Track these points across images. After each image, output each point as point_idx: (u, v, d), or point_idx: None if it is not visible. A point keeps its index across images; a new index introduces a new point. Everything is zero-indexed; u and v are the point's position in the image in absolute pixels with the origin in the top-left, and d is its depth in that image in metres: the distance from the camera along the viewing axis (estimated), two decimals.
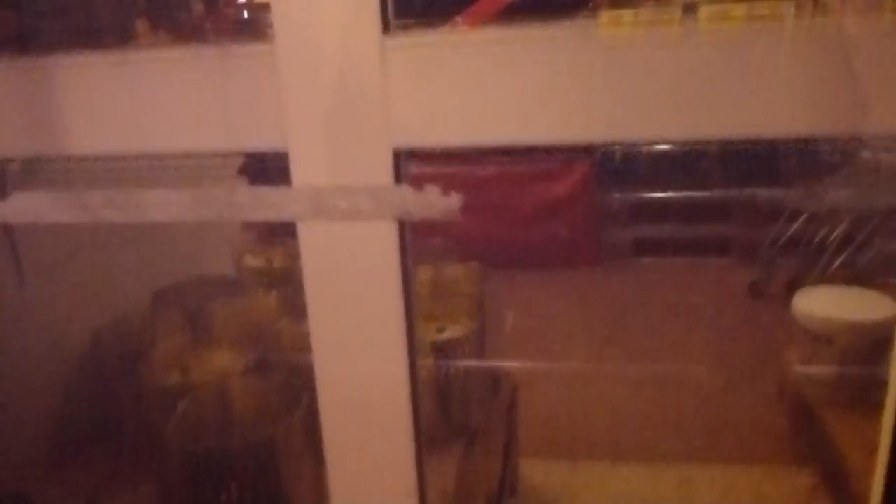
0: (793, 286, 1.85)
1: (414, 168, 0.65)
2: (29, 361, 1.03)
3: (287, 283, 1.26)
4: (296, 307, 1.18)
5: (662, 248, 2.30)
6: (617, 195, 2.42)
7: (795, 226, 2.09)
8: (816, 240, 2.00)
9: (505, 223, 2.39)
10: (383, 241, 0.61)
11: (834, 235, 1.99)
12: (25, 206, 0.66)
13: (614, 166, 2.43)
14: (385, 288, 0.62)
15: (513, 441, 1.37)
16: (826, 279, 1.92)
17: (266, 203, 0.61)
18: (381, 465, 0.65)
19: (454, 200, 0.58)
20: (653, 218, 2.36)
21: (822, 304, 1.55)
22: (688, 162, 2.32)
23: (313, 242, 0.63)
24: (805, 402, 1.54)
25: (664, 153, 2.39)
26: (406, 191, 0.59)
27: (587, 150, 2.45)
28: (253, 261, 1.34)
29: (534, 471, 1.51)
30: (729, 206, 2.28)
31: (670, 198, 2.35)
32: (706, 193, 2.29)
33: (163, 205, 0.63)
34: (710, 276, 2.17)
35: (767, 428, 1.57)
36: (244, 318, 1.17)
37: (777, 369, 1.65)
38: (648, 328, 1.90)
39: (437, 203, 0.58)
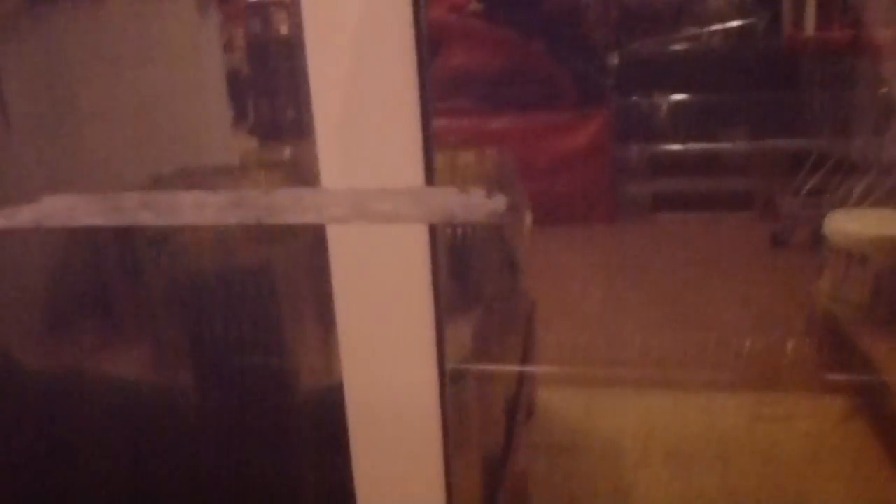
0: (817, 235, 1.83)
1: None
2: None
3: (289, 178, 1.24)
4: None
5: (682, 203, 2.27)
6: (634, 148, 2.38)
7: (820, 174, 2.06)
8: (842, 188, 1.97)
9: (518, 178, 2.36)
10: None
11: (861, 182, 1.95)
12: (57, 209, 0.65)
13: (632, 118, 2.38)
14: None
15: (531, 356, 1.37)
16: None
17: (306, 206, 0.59)
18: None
19: (499, 202, 0.56)
20: (672, 171, 2.33)
21: (854, 222, 1.52)
22: (707, 112, 2.27)
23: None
24: (838, 326, 1.52)
25: (683, 103, 2.34)
26: (450, 193, 0.57)
27: (603, 100, 2.40)
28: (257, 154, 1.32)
29: (552, 397, 1.50)
30: (750, 158, 2.25)
31: (690, 150, 2.31)
32: (727, 145, 2.25)
33: (199, 207, 0.62)
34: (732, 230, 2.15)
35: (798, 355, 1.55)
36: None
37: (807, 300, 1.63)
38: (671, 277, 1.89)
39: (482, 205, 0.56)
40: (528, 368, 1.33)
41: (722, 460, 1.28)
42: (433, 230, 0.60)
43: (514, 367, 1.25)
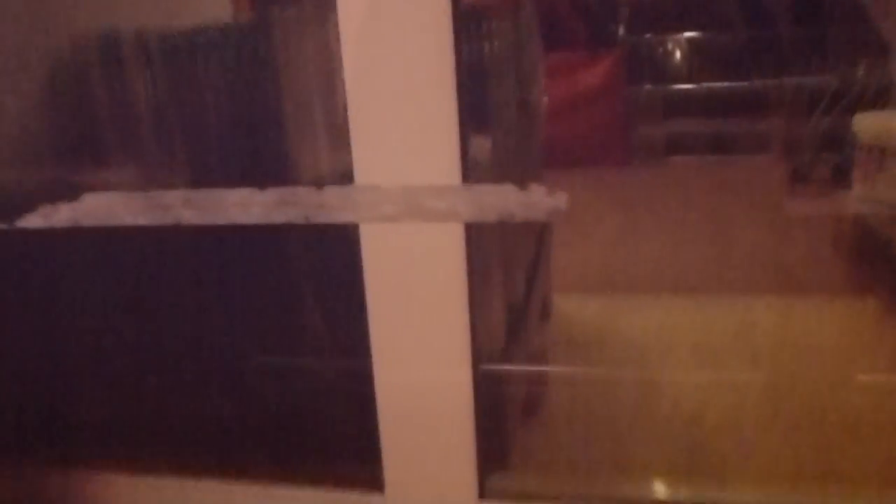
0: (839, 171, 1.80)
1: None
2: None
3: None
4: None
5: (697, 146, 2.24)
6: (648, 87, 2.32)
7: (842, 104, 2.01)
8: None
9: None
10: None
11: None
12: (97, 207, 0.63)
13: (645, 56, 2.32)
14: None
15: (546, 251, 1.34)
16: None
17: (357, 204, 0.58)
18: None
19: (560, 200, 0.55)
20: (687, 112, 2.28)
21: (886, 117, 1.49)
22: (724, 50, 2.21)
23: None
24: (870, 227, 1.51)
25: (698, 40, 2.27)
26: (509, 190, 0.55)
27: (615, 39, 2.34)
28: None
29: (568, 302, 1.48)
30: (769, 98, 2.20)
31: (705, 89, 2.26)
32: (744, 84, 2.19)
33: (245, 205, 0.60)
34: (752, 168, 2.12)
35: (827, 259, 1.52)
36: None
37: (835, 213, 1.60)
38: (692, 209, 1.86)
39: (541, 203, 0.55)
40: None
41: (752, 353, 1.26)
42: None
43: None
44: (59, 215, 0.63)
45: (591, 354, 1.31)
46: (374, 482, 0.67)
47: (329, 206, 0.58)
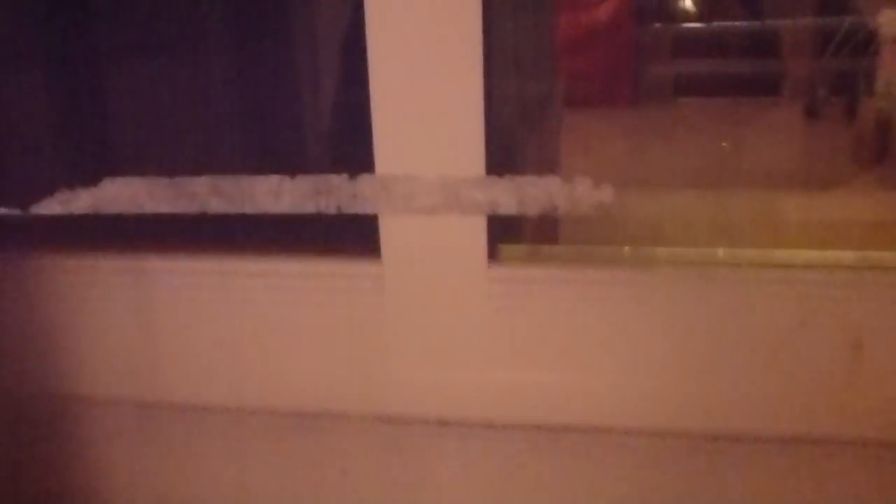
0: (853, 107, 1.76)
1: None
2: None
3: None
4: None
5: (706, 87, 2.18)
6: (657, 25, 2.25)
7: (854, 43, 1.96)
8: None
9: None
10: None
11: None
12: (118, 195, 0.61)
13: None
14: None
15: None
16: None
17: (393, 194, 0.56)
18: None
19: (607, 193, 0.53)
20: (696, 52, 2.21)
21: None
22: None
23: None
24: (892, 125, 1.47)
25: None
26: (552, 183, 0.53)
27: None
28: None
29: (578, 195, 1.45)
30: (781, 37, 2.14)
31: (715, 28, 2.19)
32: (756, 23, 2.13)
33: (276, 193, 0.58)
34: (763, 112, 2.07)
35: (852, 164, 1.50)
36: None
37: (852, 127, 1.57)
38: (706, 140, 1.81)
39: (587, 196, 0.53)
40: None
41: (772, 232, 1.25)
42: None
43: None
44: (79, 202, 0.61)
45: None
46: (370, 248, 0.60)
47: (363, 196, 0.56)
